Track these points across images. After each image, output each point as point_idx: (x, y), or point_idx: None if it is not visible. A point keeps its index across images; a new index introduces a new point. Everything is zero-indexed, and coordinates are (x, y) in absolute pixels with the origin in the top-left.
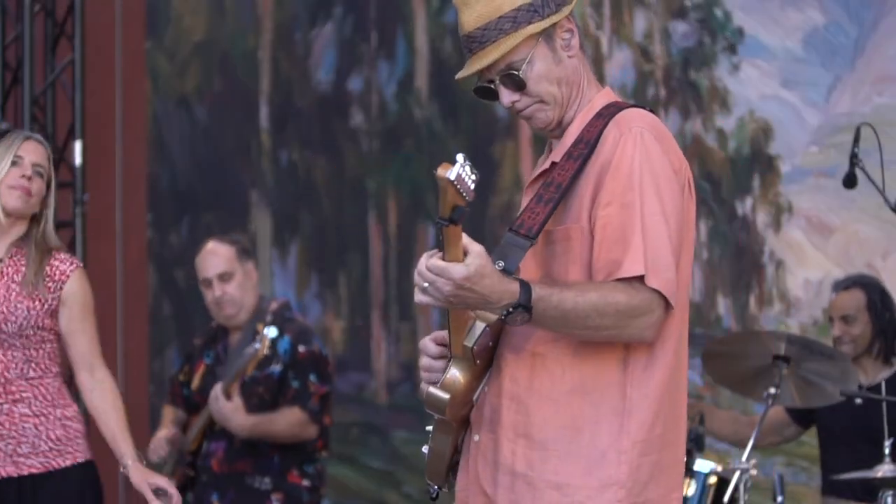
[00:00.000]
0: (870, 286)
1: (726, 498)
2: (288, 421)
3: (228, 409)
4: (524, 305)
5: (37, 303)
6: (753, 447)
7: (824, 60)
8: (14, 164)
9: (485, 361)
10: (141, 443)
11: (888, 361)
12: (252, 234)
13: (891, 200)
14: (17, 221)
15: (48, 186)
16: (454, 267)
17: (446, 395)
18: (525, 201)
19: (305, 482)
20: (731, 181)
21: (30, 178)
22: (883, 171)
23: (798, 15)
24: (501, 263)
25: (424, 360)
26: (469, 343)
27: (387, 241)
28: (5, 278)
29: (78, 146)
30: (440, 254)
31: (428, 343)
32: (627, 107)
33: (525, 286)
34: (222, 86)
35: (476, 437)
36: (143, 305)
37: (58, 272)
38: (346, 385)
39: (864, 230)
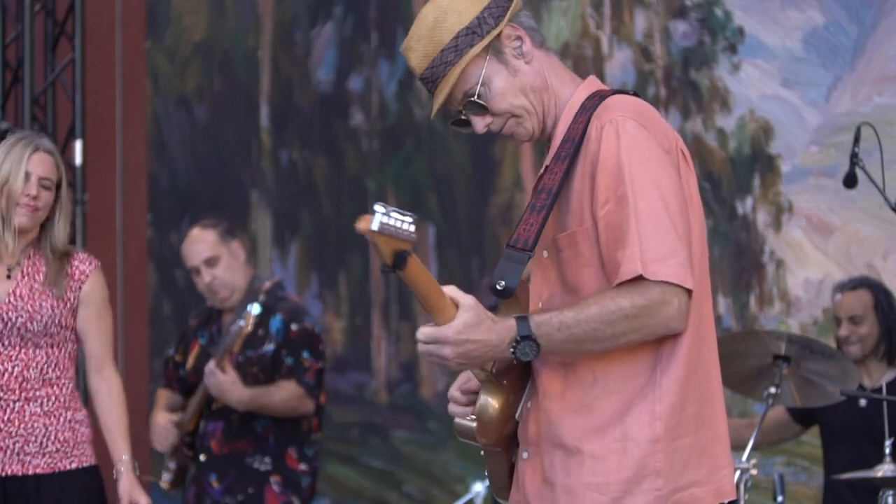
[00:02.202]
0: (875, 287)
1: None
2: (285, 394)
3: (226, 382)
4: (526, 336)
5: (60, 302)
6: (753, 447)
7: (824, 60)
8: (24, 180)
9: (515, 378)
10: (140, 442)
11: (892, 363)
12: (252, 234)
13: (891, 200)
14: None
15: (58, 188)
16: (444, 328)
17: (472, 424)
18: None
19: (303, 466)
20: (732, 181)
21: (35, 197)
22: (883, 171)
23: (798, 15)
24: (503, 283)
25: (453, 408)
26: (487, 366)
27: None
28: (27, 278)
29: (78, 146)
30: (431, 323)
31: (455, 393)
32: (609, 94)
33: (522, 318)
34: (222, 86)
35: (525, 455)
36: (143, 305)
37: (77, 272)
38: (346, 385)
39: (864, 230)
